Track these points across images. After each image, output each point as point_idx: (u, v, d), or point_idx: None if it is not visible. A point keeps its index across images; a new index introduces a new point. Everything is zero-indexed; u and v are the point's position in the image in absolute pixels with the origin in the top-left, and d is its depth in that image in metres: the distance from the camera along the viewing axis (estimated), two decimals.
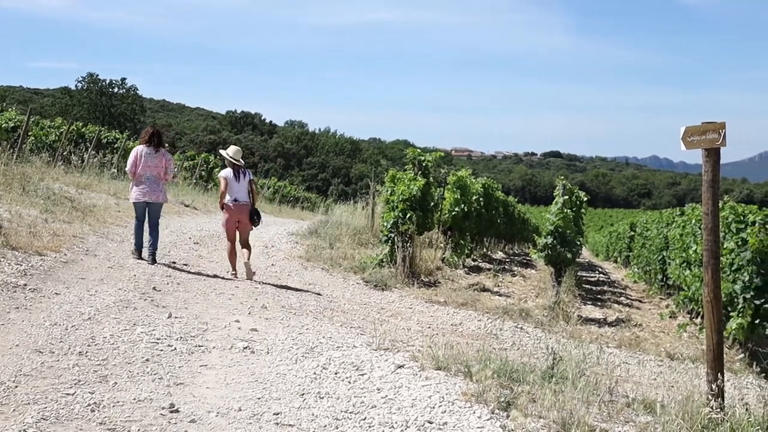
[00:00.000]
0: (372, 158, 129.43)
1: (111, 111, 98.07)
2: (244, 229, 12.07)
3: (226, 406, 5.41)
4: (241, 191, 11.95)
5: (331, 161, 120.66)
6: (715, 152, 5.77)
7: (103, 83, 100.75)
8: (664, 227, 19.05)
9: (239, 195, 11.94)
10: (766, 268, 11.04)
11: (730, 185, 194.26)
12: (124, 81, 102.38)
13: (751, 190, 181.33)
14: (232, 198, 11.90)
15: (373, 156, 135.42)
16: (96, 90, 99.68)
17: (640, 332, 12.66)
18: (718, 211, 5.93)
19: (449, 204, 18.07)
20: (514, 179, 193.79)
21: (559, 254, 13.68)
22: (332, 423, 5.23)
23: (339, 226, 18.94)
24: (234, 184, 11.91)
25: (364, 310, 10.60)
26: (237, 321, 8.35)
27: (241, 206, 11.91)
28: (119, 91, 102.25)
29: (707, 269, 5.81)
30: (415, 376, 6.48)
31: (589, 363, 7.09)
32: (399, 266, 13.85)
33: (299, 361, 6.87)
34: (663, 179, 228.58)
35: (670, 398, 5.96)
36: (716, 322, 5.77)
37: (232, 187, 11.91)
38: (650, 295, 20.26)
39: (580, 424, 5.21)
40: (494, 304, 12.75)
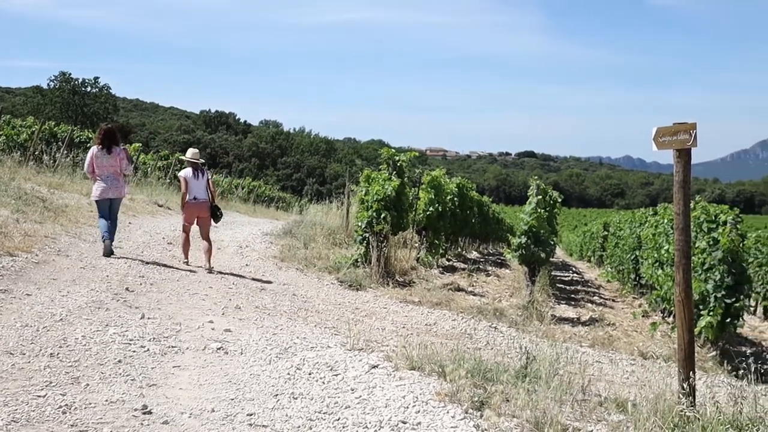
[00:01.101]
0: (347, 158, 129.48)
1: (84, 110, 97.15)
2: (204, 224, 12.76)
3: (199, 407, 5.39)
4: (199, 189, 12.73)
5: (305, 161, 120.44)
6: (686, 153, 5.81)
7: (75, 82, 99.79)
8: (637, 227, 19.20)
9: (198, 193, 12.70)
10: (737, 268, 11.18)
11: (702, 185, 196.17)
12: (97, 80, 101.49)
13: (722, 190, 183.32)
14: (192, 196, 12.67)
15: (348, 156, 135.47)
16: (68, 89, 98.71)
17: (613, 331, 12.75)
18: (690, 211, 5.98)
19: (424, 204, 18.10)
20: (488, 179, 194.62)
21: (533, 254, 13.75)
22: (306, 424, 5.22)
23: (313, 226, 18.90)
24: (193, 183, 12.69)
25: (338, 310, 10.59)
26: (211, 322, 8.31)
27: (200, 203, 12.69)
28: (92, 90, 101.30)
29: (678, 269, 5.86)
30: (389, 376, 6.49)
31: (563, 362, 7.13)
32: (373, 266, 13.84)
33: (273, 361, 6.85)
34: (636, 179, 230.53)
35: (642, 397, 6.00)
36: (687, 321, 5.82)
37: (192, 185, 12.68)
38: (623, 294, 20.42)
39: (553, 423, 5.24)
40: (468, 304, 12.77)
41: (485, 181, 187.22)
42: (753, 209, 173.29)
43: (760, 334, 16.78)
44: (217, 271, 12.41)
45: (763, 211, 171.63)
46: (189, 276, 11.51)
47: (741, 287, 11.18)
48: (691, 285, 5.95)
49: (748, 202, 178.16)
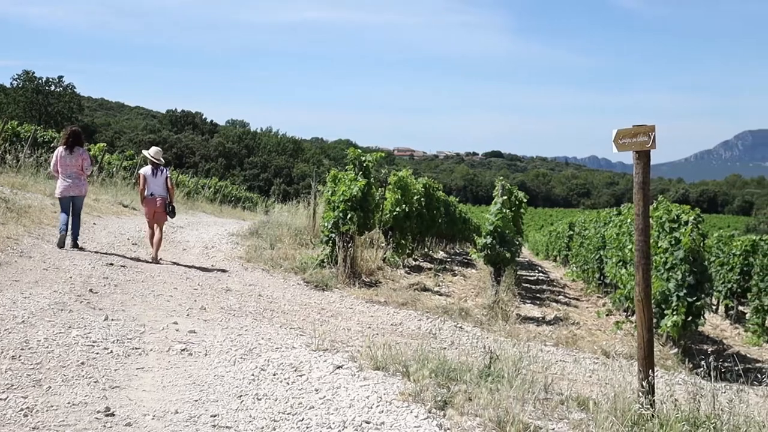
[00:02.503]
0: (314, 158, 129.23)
1: (48, 109, 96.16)
2: (160, 218, 13.68)
3: (163, 409, 5.38)
4: (157, 186, 13.66)
5: (273, 161, 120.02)
6: (645, 154, 5.90)
7: (39, 81, 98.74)
8: (601, 227, 19.39)
9: (156, 189, 13.64)
10: (699, 267, 11.33)
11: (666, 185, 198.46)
12: (62, 79, 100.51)
13: (686, 190, 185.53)
14: (150, 192, 13.61)
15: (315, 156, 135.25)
16: (32, 88, 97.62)
17: (577, 330, 12.86)
18: (649, 212, 6.07)
19: (390, 204, 18.12)
20: (456, 179, 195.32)
21: (498, 254, 13.82)
22: (270, 424, 5.23)
23: (280, 226, 18.88)
24: (152, 180, 13.65)
25: (304, 311, 10.59)
26: (175, 323, 8.29)
27: (156, 199, 13.61)
28: (56, 89, 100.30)
29: (638, 269, 5.95)
30: (354, 376, 6.52)
31: (526, 361, 7.20)
32: (340, 266, 13.85)
33: (237, 362, 6.86)
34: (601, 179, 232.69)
35: (603, 395, 6.07)
36: (647, 321, 5.91)
37: (150, 182, 13.64)
38: (588, 293, 20.60)
39: (515, 422, 5.29)
40: (434, 304, 12.81)
41: (452, 181, 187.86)
42: (716, 209, 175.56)
43: (722, 333, 17.01)
44: (172, 263, 13.31)
45: (725, 211, 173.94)
46: (154, 277, 11.45)
47: (702, 286, 11.32)
48: (651, 285, 6.04)
49: (711, 202, 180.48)
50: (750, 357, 13.83)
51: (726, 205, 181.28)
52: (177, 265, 13.20)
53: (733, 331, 17.55)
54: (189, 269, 12.79)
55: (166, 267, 12.56)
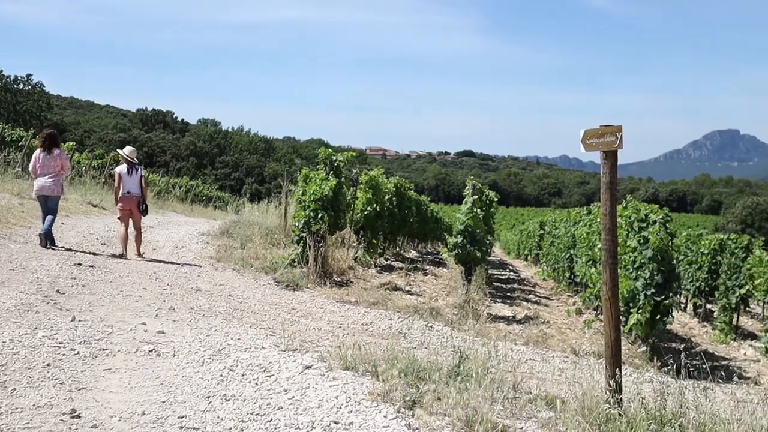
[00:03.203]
0: (286, 157, 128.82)
1: (16, 108, 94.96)
2: (136, 217, 14.09)
3: (130, 411, 5.33)
4: (132, 184, 14.07)
5: (244, 160, 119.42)
6: (612, 154, 5.93)
7: (7, 79, 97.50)
8: (571, 226, 19.51)
9: (131, 188, 14.06)
10: (667, 266, 11.44)
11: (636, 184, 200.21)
12: (30, 77, 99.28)
13: (656, 189, 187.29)
14: (125, 191, 14.01)
15: (287, 155, 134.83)
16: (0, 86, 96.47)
17: (547, 329, 12.93)
18: (616, 212, 6.11)
19: (361, 203, 18.12)
20: (428, 178, 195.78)
21: (469, 253, 13.86)
22: (237, 425, 5.20)
23: (251, 226, 18.81)
24: (127, 179, 14.05)
25: (274, 311, 10.55)
26: (144, 323, 8.22)
27: (131, 197, 14.03)
28: (24, 88, 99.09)
29: (605, 268, 5.98)
30: (323, 376, 6.50)
31: (496, 361, 7.22)
32: (311, 266, 13.82)
33: (206, 363, 6.81)
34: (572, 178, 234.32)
35: (572, 394, 6.11)
36: (614, 320, 5.95)
37: (125, 181, 14.05)
38: (558, 292, 20.73)
39: (484, 421, 5.30)
40: (405, 303, 12.83)
41: (425, 180, 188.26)
42: (685, 208, 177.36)
43: (690, 331, 17.19)
44: (149, 259, 13.88)
45: (694, 210, 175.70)
46: (122, 277, 11.36)
47: (670, 285, 11.43)
48: (618, 284, 6.08)
49: (680, 201, 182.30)
50: (717, 355, 13.98)
51: (695, 205, 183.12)
52: (146, 264, 13.10)
53: (701, 329, 17.75)
54: (158, 269, 12.70)
55: (135, 267, 12.46)
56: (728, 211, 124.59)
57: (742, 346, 15.55)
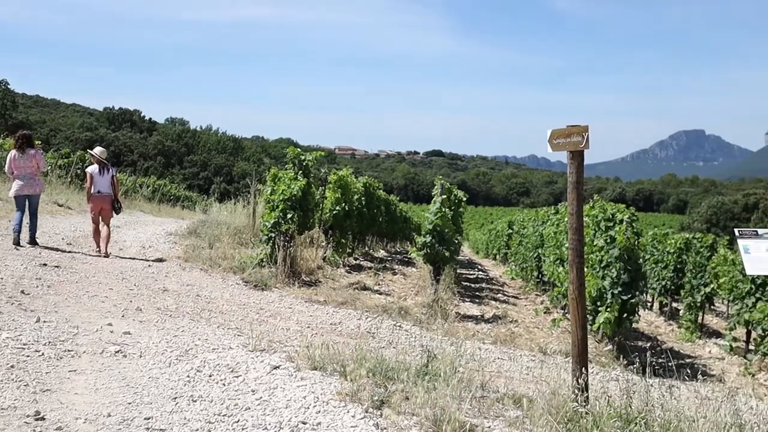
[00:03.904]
0: (255, 157, 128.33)
1: None
2: (106, 215, 14.45)
3: (95, 412, 5.28)
4: (104, 184, 14.46)
5: (212, 159, 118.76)
6: (579, 154, 5.97)
7: None
8: (539, 225, 19.62)
9: (102, 187, 14.44)
10: (633, 265, 11.54)
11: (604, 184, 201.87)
12: None
13: (623, 189, 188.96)
14: (97, 190, 14.39)
15: (256, 154, 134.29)
16: None
17: (515, 328, 12.99)
18: (583, 211, 6.15)
19: (330, 203, 18.10)
20: (397, 178, 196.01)
21: (437, 253, 13.89)
22: (204, 427, 5.17)
23: (219, 225, 18.71)
24: (98, 179, 14.45)
25: (242, 311, 10.50)
26: (110, 324, 8.14)
27: (103, 197, 14.43)
28: None
29: (572, 267, 6.02)
30: (291, 376, 6.48)
31: (464, 360, 7.24)
32: (279, 266, 13.77)
33: (173, 364, 6.76)
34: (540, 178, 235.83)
35: (539, 392, 6.14)
36: (581, 319, 5.99)
37: (97, 181, 14.43)
38: (527, 291, 20.84)
39: (452, 421, 5.31)
40: (374, 303, 12.83)
41: (394, 180, 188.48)
42: (652, 207, 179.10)
43: (656, 329, 17.36)
44: (116, 257, 14.15)
45: (661, 209, 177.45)
46: (89, 278, 11.25)
47: (637, 284, 11.53)
48: (584, 283, 6.12)
49: (647, 201, 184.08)
50: (683, 353, 14.13)
51: (661, 204, 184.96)
52: (113, 264, 12.99)
53: (668, 328, 17.92)
54: (125, 269, 12.59)
55: (101, 267, 12.35)
56: (694, 211, 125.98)
57: (707, 344, 15.72)
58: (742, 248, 5.54)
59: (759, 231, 5.64)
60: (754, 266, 5.48)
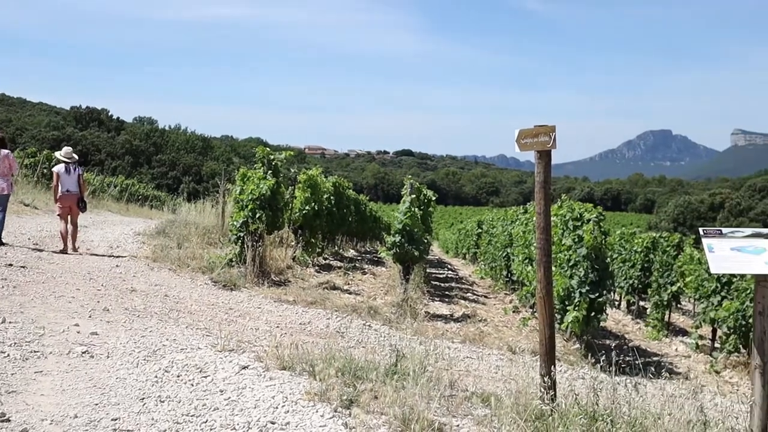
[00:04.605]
0: (224, 156, 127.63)
1: None
2: (74, 213, 14.78)
3: (61, 414, 5.24)
4: (71, 183, 14.80)
5: (181, 159, 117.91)
6: (546, 154, 6.02)
7: None
8: (508, 225, 19.72)
9: (69, 186, 14.78)
10: (600, 264, 11.64)
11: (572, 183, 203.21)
12: None
13: (591, 188, 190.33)
14: (64, 189, 14.70)
15: (225, 154, 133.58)
16: None
17: (484, 327, 13.05)
18: (550, 211, 6.20)
19: (300, 203, 18.07)
20: (367, 177, 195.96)
21: (407, 252, 13.92)
22: (172, 427, 5.15)
23: (187, 225, 18.62)
24: (65, 178, 14.78)
25: (211, 311, 10.45)
26: (77, 325, 8.08)
27: (71, 195, 14.77)
28: None
29: (540, 266, 6.07)
30: (260, 376, 6.47)
31: (433, 359, 7.27)
32: (248, 266, 13.73)
33: (140, 364, 6.73)
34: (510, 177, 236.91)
35: (507, 391, 6.18)
36: (548, 317, 6.03)
37: (63, 179, 14.74)
38: (496, 290, 20.92)
39: (420, 419, 5.34)
40: (343, 303, 12.82)
41: (364, 179, 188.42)
42: (619, 207, 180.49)
43: (624, 328, 17.50)
44: (84, 255, 14.45)
45: (629, 209, 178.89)
46: (55, 278, 11.15)
47: (604, 283, 11.64)
48: (552, 282, 6.17)
49: (615, 200, 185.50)
50: (650, 351, 14.26)
51: (629, 204, 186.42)
52: (80, 265, 12.87)
53: (635, 326, 18.08)
54: (92, 270, 12.49)
55: (68, 267, 12.24)
56: (661, 210, 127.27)
57: (674, 342, 15.88)
58: (706, 247, 5.61)
59: (723, 230, 5.72)
60: (719, 265, 5.55)
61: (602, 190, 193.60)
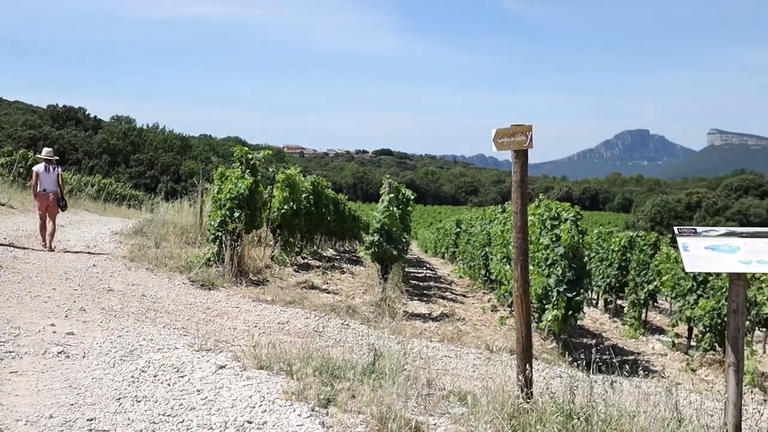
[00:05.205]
0: (202, 155, 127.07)
1: None
2: (52, 212, 14.98)
3: (37, 414, 5.21)
4: (50, 182, 15.07)
5: (159, 158, 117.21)
6: (523, 153, 6.04)
7: None
8: (487, 224, 19.77)
9: (48, 185, 15.05)
10: (578, 263, 11.70)
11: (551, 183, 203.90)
12: None
13: (570, 188, 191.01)
14: (42, 188, 14.98)
15: (203, 153, 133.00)
16: None
17: (462, 326, 13.07)
18: (527, 210, 6.22)
19: (278, 202, 18.04)
20: (346, 177, 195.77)
21: (385, 251, 13.93)
22: (149, 427, 5.13)
23: (165, 224, 18.53)
24: (45, 177, 15.07)
25: (189, 311, 10.41)
26: (53, 325, 8.03)
27: (49, 194, 14.96)
28: None
29: (517, 265, 6.09)
30: (237, 376, 6.46)
31: (411, 358, 7.28)
32: (227, 265, 13.68)
33: (117, 364, 6.70)
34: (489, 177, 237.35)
35: (484, 389, 6.20)
36: (525, 316, 6.06)
37: (42, 178, 15.04)
38: (474, 289, 20.96)
39: (397, 418, 5.34)
40: (322, 302, 12.81)
41: (343, 179, 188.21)
42: (597, 206, 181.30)
43: (601, 326, 17.60)
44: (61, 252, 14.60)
45: (606, 208, 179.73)
46: (31, 278, 11.08)
47: (581, 282, 11.70)
48: (529, 281, 6.19)
49: (593, 200, 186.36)
50: (627, 349, 14.35)
51: (607, 203, 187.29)
52: (57, 264, 12.79)
53: (612, 325, 18.19)
54: (69, 269, 12.40)
55: (44, 267, 12.16)
56: (639, 209, 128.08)
57: (650, 340, 15.99)
58: (681, 246, 5.65)
59: (698, 229, 5.77)
60: (693, 263, 5.59)
61: (580, 190, 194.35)
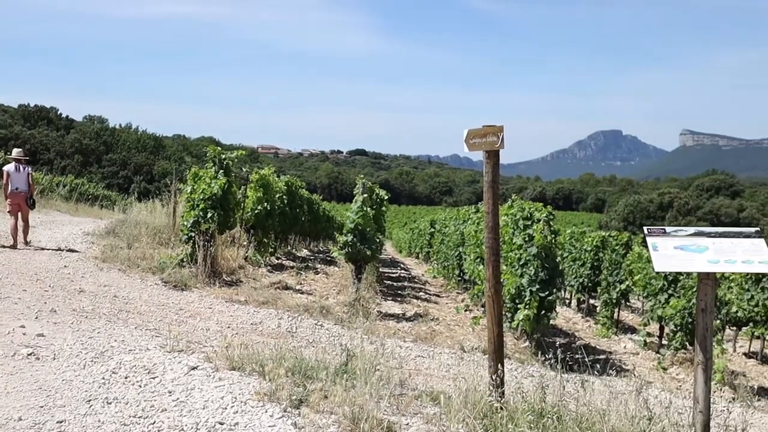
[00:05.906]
0: (176, 155, 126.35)
1: None
2: (24, 211, 15.33)
3: (5, 416, 5.17)
4: (20, 181, 15.39)
5: (132, 158, 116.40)
6: (495, 154, 6.06)
7: None
8: (461, 224, 19.82)
9: (19, 185, 15.37)
10: (551, 263, 11.76)
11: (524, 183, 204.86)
12: None
13: (543, 188, 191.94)
14: (14, 187, 15.29)
15: (177, 153, 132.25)
16: None
17: (436, 326, 13.10)
18: (498, 210, 6.24)
19: (252, 202, 17.99)
20: (320, 177, 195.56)
21: (359, 251, 13.93)
22: (119, 429, 5.10)
23: (138, 225, 18.41)
24: (15, 176, 15.39)
25: (161, 312, 10.36)
26: (23, 326, 7.96)
27: (20, 193, 15.28)
28: None
29: (488, 265, 6.11)
30: (209, 377, 6.44)
31: (384, 358, 7.28)
32: (200, 266, 13.62)
33: (88, 366, 6.65)
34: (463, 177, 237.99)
35: (457, 389, 6.21)
36: (497, 316, 6.08)
37: (13, 178, 15.36)
38: (448, 289, 21.00)
39: (369, 418, 5.35)
40: (295, 302, 12.79)
41: (317, 179, 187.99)
42: (571, 206, 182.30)
43: (574, 326, 17.70)
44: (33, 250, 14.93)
45: (580, 208, 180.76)
46: (1, 279, 10.98)
47: (554, 281, 11.77)
48: (501, 280, 6.22)
49: (566, 200, 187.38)
50: (599, 348, 14.45)
51: (580, 203, 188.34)
52: (27, 265, 12.67)
53: (585, 324, 18.30)
54: (40, 270, 12.30)
55: (14, 268, 12.05)
56: (611, 209, 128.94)
57: (622, 339, 16.11)
58: (651, 246, 5.70)
59: (667, 229, 5.81)
60: (663, 263, 5.64)
61: (554, 190, 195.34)
